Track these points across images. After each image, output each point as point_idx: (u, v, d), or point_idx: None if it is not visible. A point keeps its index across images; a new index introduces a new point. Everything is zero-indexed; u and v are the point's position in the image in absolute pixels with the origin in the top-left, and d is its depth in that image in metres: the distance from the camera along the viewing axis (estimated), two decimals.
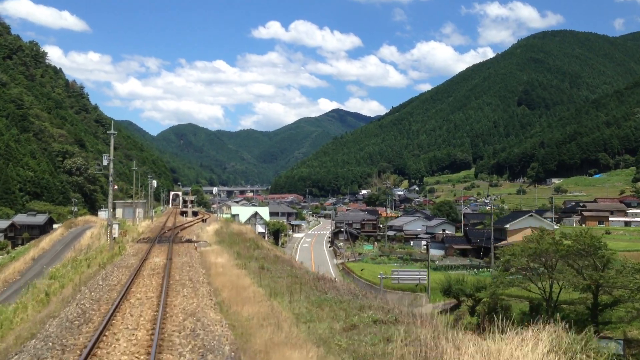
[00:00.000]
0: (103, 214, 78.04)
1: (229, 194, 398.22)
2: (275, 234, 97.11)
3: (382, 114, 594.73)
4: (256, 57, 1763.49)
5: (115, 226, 41.04)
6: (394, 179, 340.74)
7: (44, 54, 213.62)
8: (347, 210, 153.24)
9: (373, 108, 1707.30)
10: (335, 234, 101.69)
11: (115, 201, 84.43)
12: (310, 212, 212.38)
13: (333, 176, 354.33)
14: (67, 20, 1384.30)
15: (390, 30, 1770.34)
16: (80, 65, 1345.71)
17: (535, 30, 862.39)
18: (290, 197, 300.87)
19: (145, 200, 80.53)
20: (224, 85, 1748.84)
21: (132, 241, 41.39)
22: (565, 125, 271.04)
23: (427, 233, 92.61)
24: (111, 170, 40.66)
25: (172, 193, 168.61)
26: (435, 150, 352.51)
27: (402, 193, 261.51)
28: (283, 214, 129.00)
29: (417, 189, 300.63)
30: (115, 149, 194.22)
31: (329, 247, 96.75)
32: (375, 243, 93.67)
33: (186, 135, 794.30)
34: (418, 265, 63.64)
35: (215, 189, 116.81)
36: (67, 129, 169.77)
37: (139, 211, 72.70)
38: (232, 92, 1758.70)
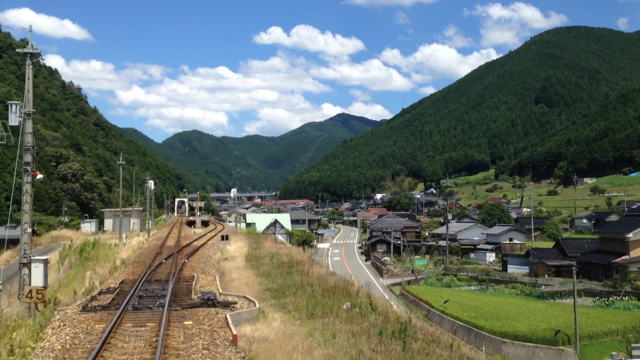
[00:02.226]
0: (87, 227, 63.86)
1: (236, 200, 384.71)
2: (303, 245, 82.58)
3: (387, 118, 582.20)
4: (259, 62, 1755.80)
5: (37, 269, 19.54)
6: (408, 181, 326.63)
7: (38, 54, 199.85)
8: (381, 216, 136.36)
9: (377, 112, 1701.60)
10: (372, 245, 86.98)
11: (104, 210, 70.17)
12: (326, 219, 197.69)
13: (345, 180, 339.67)
14: (69, 29, 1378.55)
15: (392, 34, 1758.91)
16: (82, 74, 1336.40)
17: (539, 31, 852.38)
18: (301, 203, 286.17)
19: (141, 208, 63.80)
20: (228, 92, 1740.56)
21: (82, 298, 21.75)
22: (591, 122, 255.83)
23: (488, 243, 77.98)
24: (29, 141, 21.14)
25: (177, 200, 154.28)
26: (451, 151, 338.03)
27: (420, 196, 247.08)
28: (304, 222, 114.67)
29: (434, 191, 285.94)
30: (116, 153, 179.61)
31: (365, 260, 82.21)
32: (426, 256, 78.93)
33: (191, 142, 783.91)
34: (506, 290, 48.61)
35: (233, 191, 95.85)
36: (63, 132, 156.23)
37: (134, 222, 58.34)
38: (236, 98, 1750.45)
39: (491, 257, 73.68)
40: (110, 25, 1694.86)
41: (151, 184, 55.14)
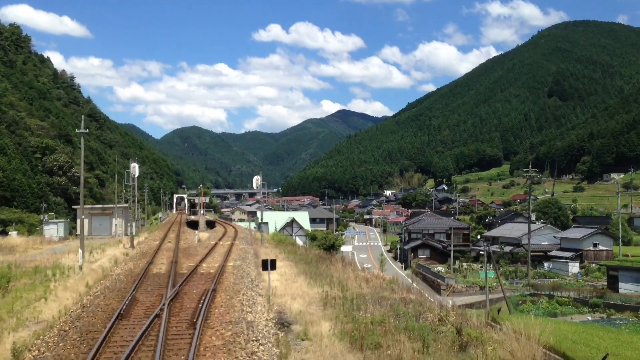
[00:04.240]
0: (52, 230, 49.83)
1: (238, 196, 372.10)
2: (329, 250, 68.78)
3: (387, 115, 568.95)
4: (258, 59, 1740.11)
5: None
6: (418, 177, 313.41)
7: (27, 39, 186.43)
8: (414, 214, 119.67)
9: (377, 109, 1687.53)
10: (412, 250, 73.35)
11: (77, 207, 56.13)
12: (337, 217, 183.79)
13: (350, 176, 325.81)
14: (67, 25, 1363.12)
15: (392, 31, 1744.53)
16: (81, 71, 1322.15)
17: (538, 28, 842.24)
18: (306, 200, 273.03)
19: (126, 205, 46.24)
20: (227, 89, 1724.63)
21: None
22: (613, 115, 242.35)
23: (563, 249, 64.44)
24: None
25: (175, 196, 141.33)
26: (461, 146, 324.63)
27: (431, 192, 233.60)
28: (321, 220, 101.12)
29: (445, 187, 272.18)
30: (110, 147, 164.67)
31: (403, 267, 68.64)
32: (488, 266, 64.72)
33: (190, 138, 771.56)
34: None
35: (256, 179, 63.83)
36: (51, 121, 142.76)
37: (117, 223, 44.30)
38: (235, 95, 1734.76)
39: (574, 267, 60.22)
40: (108, 22, 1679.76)
41: (135, 168, 39.33)
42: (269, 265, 21.69)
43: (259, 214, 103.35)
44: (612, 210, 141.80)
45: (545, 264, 62.05)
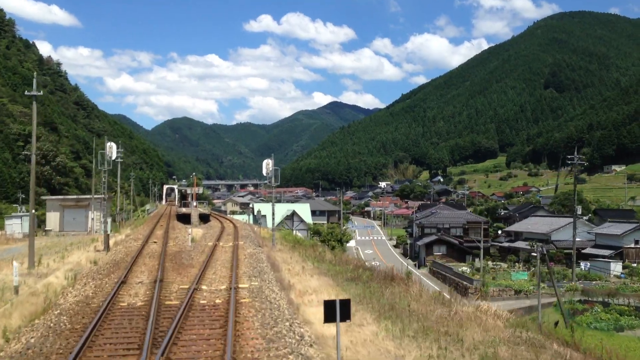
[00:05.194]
0: (16, 226, 43.59)
1: (229, 188, 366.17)
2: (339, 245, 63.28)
3: (379, 107, 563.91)
4: (249, 50, 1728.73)
5: None
6: (412, 169, 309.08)
7: (11, 23, 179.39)
8: (424, 207, 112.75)
9: (368, 101, 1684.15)
10: (427, 246, 67.92)
11: (46, 198, 50.02)
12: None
13: (344, 167, 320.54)
14: (56, 14, 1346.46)
15: (383, 22, 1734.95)
16: (70, 61, 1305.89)
17: (530, 20, 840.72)
18: (299, 191, 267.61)
19: (102, 195, 37.04)
20: (218, 80, 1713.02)
21: None
22: (612, 107, 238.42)
23: (598, 246, 59.11)
24: None
25: (165, 187, 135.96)
26: (457, 137, 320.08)
27: (429, 184, 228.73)
28: (321, 213, 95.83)
29: (441, 179, 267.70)
30: (99, 135, 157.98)
31: (416, 266, 63.40)
32: (517, 265, 59.53)
33: (181, 129, 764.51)
34: None
35: (266, 163, 51.98)
36: (36, 108, 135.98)
37: (93, 217, 38.27)
38: (226, 86, 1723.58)
39: (617, 267, 54.73)
40: (98, 11, 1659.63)
41: (112, 148, 32.41)
42: (337, 312, 11.76)
43: (255, 205, 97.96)
44: (619, 202, 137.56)
45: (582, 264, 56.45)
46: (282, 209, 75.54)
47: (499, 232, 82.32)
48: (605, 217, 77.31)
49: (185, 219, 60.05)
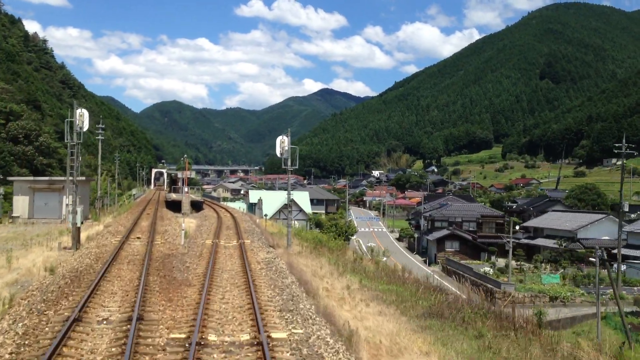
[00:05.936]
0: None
1: (219, 173, 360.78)
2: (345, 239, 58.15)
3: (370, 95, 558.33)
4: (240, 35, 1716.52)
5: None
6: (406, 158, 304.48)
7: None
8: (450, 203, 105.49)
9: (359, 89, 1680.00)
10: (438, 242, 62.96)
11: (13, 179, 44.17)
12: None
13: (336, 155, 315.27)
14: None
15: (375, 10, 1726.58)
16: (60, 41, 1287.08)
17: (522, 12, 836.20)
18: (291, 179, 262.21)
19: (71, 177, 30.59)
20: (208, 64, 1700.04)
21: None
22: (611, 99, 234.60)
23: (630, 246, 54.43)
24: None
25: (154, 170, 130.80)
26: (451, 127, 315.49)
27: (426, 174, 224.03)
28: (319, 202, 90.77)
29: (435, 169, 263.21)
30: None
31: (426, 263, 58.51)
32: (545, 266, 54.67)
33: (171, 113, 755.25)
34: None
35: (280, 140, 47.26)
36: (19, 85, 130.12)
37: (67, 202, 32.02)
38: (216, 70, 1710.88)
39: None
40: None
41: (83, 117, 26.68)
42: None
43: (251, 193, 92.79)
44: (625, 196, 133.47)
45: (615, 265, 51.61)
46: (281, 197, 70.46)
47: (517, 227, 77.66)
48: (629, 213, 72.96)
49: (175, 206, 54.74)
